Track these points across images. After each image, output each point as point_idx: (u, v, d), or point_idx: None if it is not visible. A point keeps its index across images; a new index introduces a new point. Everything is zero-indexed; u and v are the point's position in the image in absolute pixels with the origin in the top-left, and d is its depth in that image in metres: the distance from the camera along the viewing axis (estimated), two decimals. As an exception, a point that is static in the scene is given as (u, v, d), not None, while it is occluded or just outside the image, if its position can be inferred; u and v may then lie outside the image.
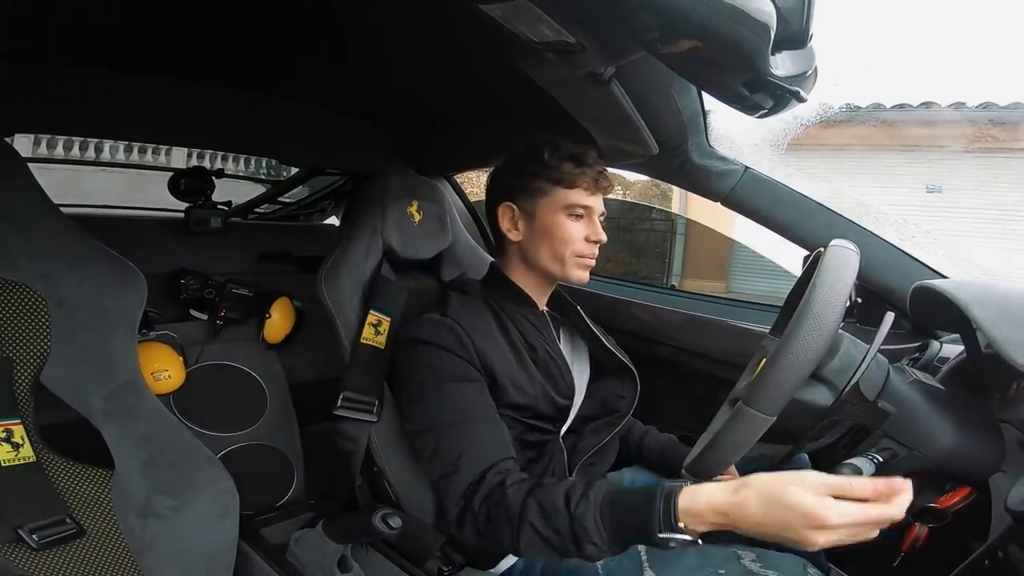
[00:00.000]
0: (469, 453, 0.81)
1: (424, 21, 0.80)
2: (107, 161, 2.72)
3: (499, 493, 0.76)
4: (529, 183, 0.95)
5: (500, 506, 0.74)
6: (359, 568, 0.91)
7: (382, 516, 0.83)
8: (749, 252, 4.57)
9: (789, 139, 1.10)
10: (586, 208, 0.95)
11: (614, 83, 0.79)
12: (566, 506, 0.69)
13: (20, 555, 0.65)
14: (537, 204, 0.95)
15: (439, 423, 0.84)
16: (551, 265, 0.96)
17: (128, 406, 0.76)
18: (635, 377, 1.05)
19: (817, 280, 0.64)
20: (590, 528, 0.67)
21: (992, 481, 0.66)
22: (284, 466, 1.20)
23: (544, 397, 0.93)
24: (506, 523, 0.73)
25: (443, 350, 0.87)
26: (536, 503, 0.72)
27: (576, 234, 0.95)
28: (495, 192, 1.01)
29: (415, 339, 0.90)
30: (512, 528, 0.72)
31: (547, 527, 0.70)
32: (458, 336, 0.88)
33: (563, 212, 0.94)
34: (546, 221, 0.95)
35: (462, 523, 0.79)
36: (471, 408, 0.85)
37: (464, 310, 0.94)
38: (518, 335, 0.96)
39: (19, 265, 0.71)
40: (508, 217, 0.98)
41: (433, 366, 0.87)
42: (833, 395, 0.68)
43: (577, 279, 0.97)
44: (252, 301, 1.22)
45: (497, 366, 0.89)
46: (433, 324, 0.90)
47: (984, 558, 0.63)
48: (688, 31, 0.51)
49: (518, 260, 1.00)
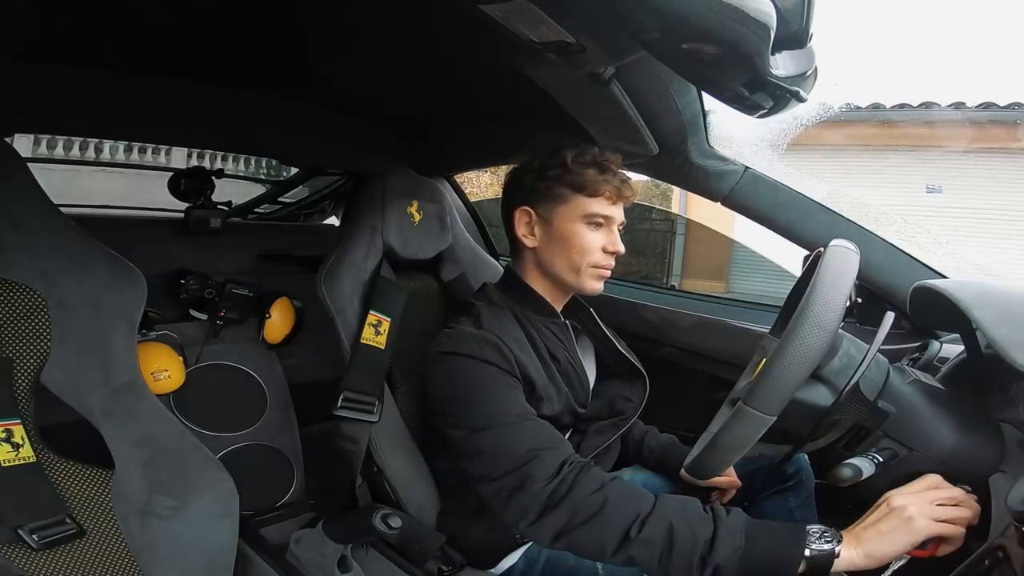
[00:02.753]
0: (547, 442, 0.78)
1: (424, 21, 0.80)
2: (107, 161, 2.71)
3: (617, 483, 0.73)
4: (549, 188, 0.92)
5: (620, 496, 0.71)
6: (359, 568, 0.91)
7: (382, 516, 0.83)
8: (749, 252, 4.57)
9: (789, 139, 1.10)
10: (606, 218, 0.92)
11: (614, 83, 0.79)
12: (708, 512, 0.68)
13: (20, 555, 0.65)
14: (555, 211, 0.92)
15: (501, 422, 0.79)
16: (566, 274, 0.94)
17: (128, 406, 0.76)
18: (645, 381, 1.05)
19: (817, 280, 0.64)
20: (735, 548, 0.65)
21: (992, 481, 0.66)
22: (284, 466, 1.20)
23: (567, 408, 0.93)
24: (629, 512, 0.70)
25: (489, 364, 0.84)
26: (676, 501, 0.70)
27: (594, 244, 0.92)
28: (512, 195, 0.97)
29: (455, 352, 0.85)
30: (637, 519, 0.69)
31: (684, 524, 0.67)
32: (499, 349, 0.85)
33: (582, 221, 0.91)
34: (564, 229, 0.92)
35: (550, 515, 0.73)
36: (528, 412, 0.82)
37: (497, 322, 0.91)
38: (543, 346, 0.94)
39: (19, 265, 0.71)
40: (524, 222, 0.95)
41: (483, 379, 0.83)
42: (833, 395, 0.68)
43: (591, 290, 0.95)
44: (252, 301, 1.22)
45: (535, 378, 0.88)
46: (473, 339, 0.86)
47: (984, 558, 0.62)
48: (688, 31, 0.51)
49: (533, 266, 0.97)
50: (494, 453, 0.78)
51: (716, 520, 0.68)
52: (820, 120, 1.04)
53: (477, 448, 0.80)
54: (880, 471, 0.67)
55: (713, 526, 0.67)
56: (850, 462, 0.67)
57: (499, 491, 0.77)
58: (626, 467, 1.12)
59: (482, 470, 0.79)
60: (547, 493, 0.73)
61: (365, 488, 1.03)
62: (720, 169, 1.10)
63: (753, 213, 1.11)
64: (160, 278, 1.15)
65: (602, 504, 0.71)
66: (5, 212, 0.71)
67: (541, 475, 0.74)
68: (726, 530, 0.66)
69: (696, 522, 0.68)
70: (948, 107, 4.76)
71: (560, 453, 0.77)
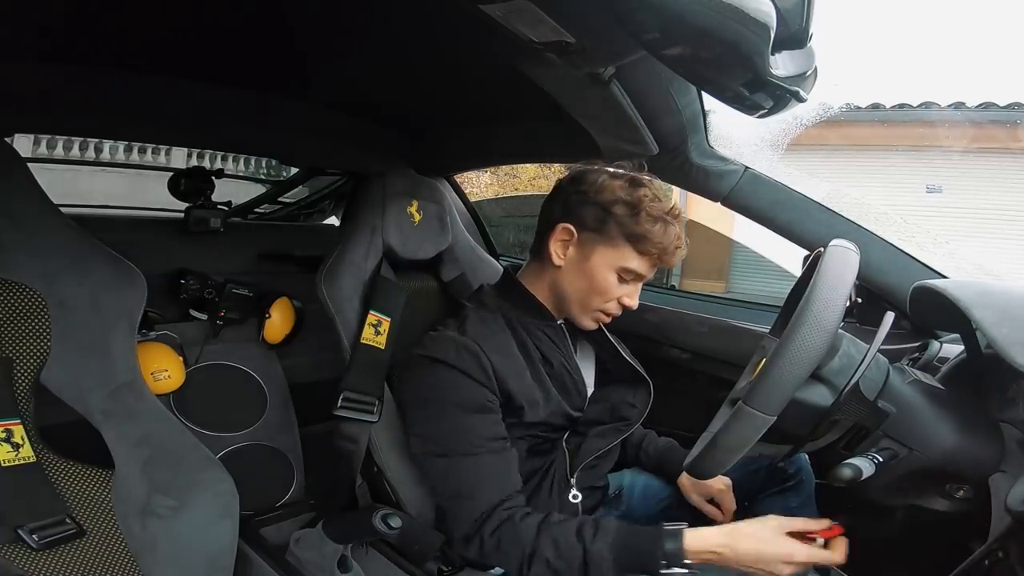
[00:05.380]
0: (481, 486, 0.83)
1: (424, 21, 0.80)
2: (107, 161, 2.71)
3: (510, 527, 0.80)
4: (605, 225, 0.88)
5: (512, 539, 0.80)
6: (359, 568, 0.91)
7: (382, 516, 0.83)
8: (749, 252, 4.57)
9: (789, 139, 1.10)
10: (639, 276, 0.91)
11: (614, 83, 0.79)
12: (579, 541, 0.77)
13: (20, 555, 0.65)
14: (597, 249, 0.89)
15: (452, 451, 0.84)
16: (572, 304, 0.93)
17: (128, 406, 0.76)
18: (649, 388, 1.04)
19: (817, 280, 0.64)
20: (603, 565, 0.75)
21: (992, 481, 0.66)
22: (284, 466, 1.20)
23: (558, 411, 0.93)
24: (519, 553, 0.79)
25: (462, 374, 0.85)
26: (550, 538, 0.78)
27: (615, 294, 0.90)
28: (564, 207, 0.92)
29: (434, 358, 0.87)
30: (524, 558, 0.79)
31: (559, 559, 0.77)
32: (478, 358, 0.86)
33: (617, 271, 0.89)
34: (595, 270, 0.89)
35: (468, 546, 0.83)
36: (486, 440, 0.85)
37: (483, 327, 0.91)
38: (536, 350, 0.94)
39: (19, 265, 0.71)
40: (562, 240, 0.91)
41: (451, 391, 0.85)
42: (833, 395, 0.68)
43: (586, 327, 0.95)
44: (252, 301, 1.22)
45: (515, 387, 0.88)
46: (454, 345, 0.87)
47: (984, 558, 0.63)
48: (688, 31, 0.51)
49: (546, 278, 0.95)
50: (438, 475, 0.88)
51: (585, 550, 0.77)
52: (820, 120, 1.04)
53: (427, 463, 0.89)
54: (880, 471, 0.67)
55: (583, 552, 0.77)
56: (850, 462, 0.67)
57: (439, 504, 0.90)
58: (626, 468, 1.12)
59: (431, 480, 0.91)
60: (465, 531, 0.82)
61: (365, 488, 1.03)
62: (720, 169, 1.10)
63: (753, 213, 1.11)
64: (160, 278, 1.15)
65: (497, 550, 0.81)
66: (5, 212, 0.71)
67: (467, 517, 0.82)
68: (593, 554, 0.76)
69: (570, 553, 0.77)
70: (948, 107, 4.76)
71: (494, 496, 0.82)
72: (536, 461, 0.94)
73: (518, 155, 1.49)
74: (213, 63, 0.99)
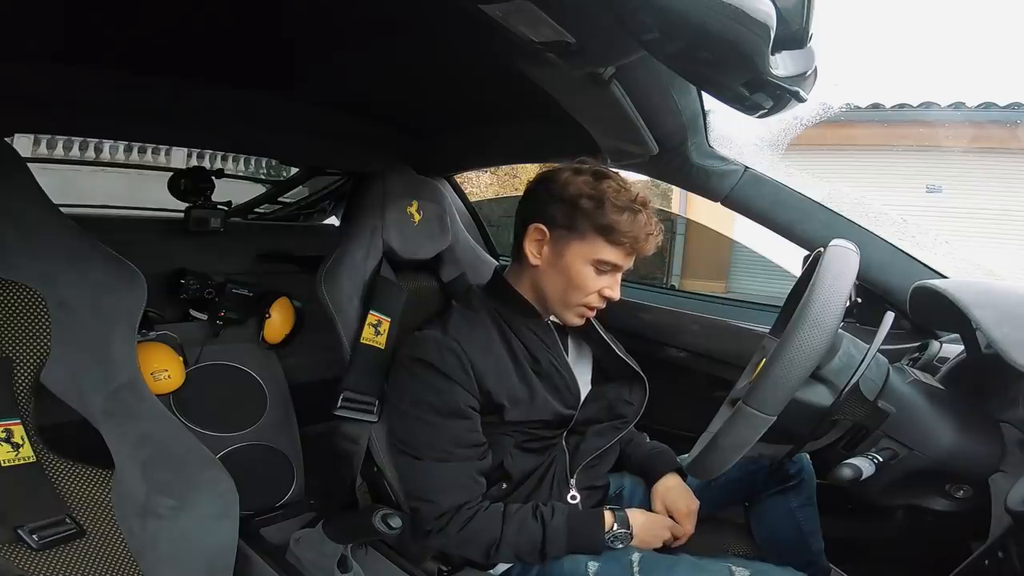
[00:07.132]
0: (445, 492, 0.86)
1: (424, 21, 0.80)
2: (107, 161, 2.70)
3: (474, 520, 0.85)
4: (573, 220, 0.89)
5: (477, 529, 0.85)
6: (359, 568, 0.91)
7: (382, 516, 0.83)
8: (749, 252, 4.57)
9: (789, 139, 1.10)
10: (615, 266, 0.91)
11: (614, 83, 0.79)
12: (536, 520, 0.86)
13: (20, 555, 0.65)
14: (570, 244, 0.90)
15: (425, 454, 0.87)
16: (554, 302, 0.94)
17: (128, 406, 0.76)
18: (645, 385, 1.04)
19: (817, 280, 0.64)
20: (558, 539, 0.85)
21: (992, 481, 0.66)
22: (284, 466, 1.20)
23: (547, 409, 0.93)
24: (485, 540, 0.85)
25: (442, 376, 0.87)
26: (513, 522, 0.86)
27: (593, 287, 0.91)
28: (533, 207, 0.93)
29: (416, 358, 0.90)
30: (492, 544, 0.85)
31: (519, 535, 0.85)
32: (458, 358, 0.87)
33: (591, 263, 0.90)
34: (570, 265, 0.90)
35: (430, 540, 0.88)
36: (458, 447, 0.87)
37: (466, 326, 0.92)
38: (522, 348, 0.94)
39: (19, 265, 0.71)
40: (535, 240, 0.92)
41: (429, 393, 0.88)
42: (833, 395, 0.68)
43: (570, 324, 0.96)
44: (252, 301, 1.22)
45: (495, 386, 0.89)
46: (435, 345, 0.89)
47: (984, 558, 0.63)
48: (688, 31, 0.51)
49: (528, 279, 0.96)
50: (406, 472, 0.92)
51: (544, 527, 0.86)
52: (820, 120, 1.04)
53: (398, 458, 0.93)
54: (880, 471, 0.67)
55: (542, 531, 0.85)
56: (850, 462, 0.67)
57: (408, 501, 0.93)
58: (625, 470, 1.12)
59: (399, 473, 0.94)
60: (428, 527, 0.86)
61: (365, 488, 1.03)
62: (720, 169, 1.10)
63: (753, 213, 1.11)
64: (160, 278, 1.15)
65: (464, 541, 0.86)
66: (5, 212, 0.71)
67: (429, 515, 0.86)
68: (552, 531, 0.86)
69: (531, 533, 0.86)
70: (948, 107, 4.76)
71: (457, 500, 0.86)
72: (533, 460, 0.94)
73: (518, 155, 1.48)
74: (213, 64, 1.00)
